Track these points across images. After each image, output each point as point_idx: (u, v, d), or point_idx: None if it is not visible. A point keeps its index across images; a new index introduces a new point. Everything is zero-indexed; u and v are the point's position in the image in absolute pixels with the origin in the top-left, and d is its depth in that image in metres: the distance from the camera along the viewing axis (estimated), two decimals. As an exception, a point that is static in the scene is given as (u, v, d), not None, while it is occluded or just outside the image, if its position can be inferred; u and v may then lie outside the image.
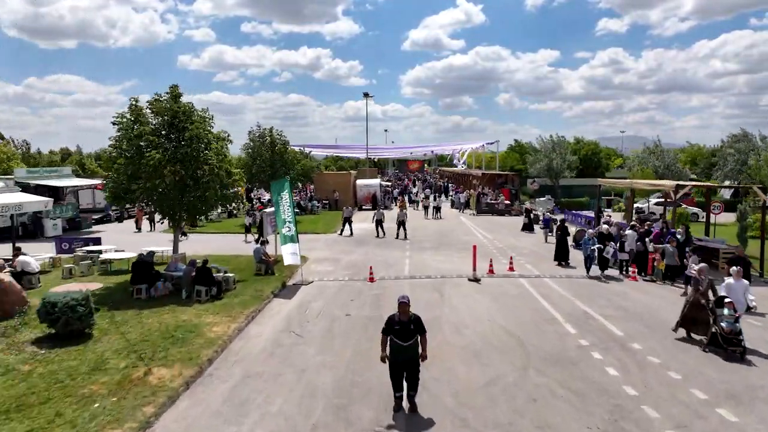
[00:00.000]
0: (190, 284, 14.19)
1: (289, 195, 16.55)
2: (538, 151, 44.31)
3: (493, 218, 34.93)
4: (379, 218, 25.70)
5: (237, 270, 17.75)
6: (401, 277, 16.99)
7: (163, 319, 12.24)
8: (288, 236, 16.29)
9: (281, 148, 32.18)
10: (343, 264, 19.33)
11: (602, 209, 28.20)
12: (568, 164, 42.10)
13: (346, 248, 22.85)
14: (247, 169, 32.13)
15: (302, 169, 37.34)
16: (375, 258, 20.33)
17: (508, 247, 22.96)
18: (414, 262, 19.49)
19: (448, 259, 19.97)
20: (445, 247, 22.96)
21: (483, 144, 53.17)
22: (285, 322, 12.45)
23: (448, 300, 13.96)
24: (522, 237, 26.42)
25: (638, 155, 43.65)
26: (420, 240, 24.99)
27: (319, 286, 16.02)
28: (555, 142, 43.16)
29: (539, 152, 43.79)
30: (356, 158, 79.13)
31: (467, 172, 55.05)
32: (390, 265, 18.94)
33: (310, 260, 20.13)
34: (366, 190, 42.26)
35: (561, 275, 17.05)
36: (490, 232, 28.01)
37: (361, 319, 12.46)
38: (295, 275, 17.08)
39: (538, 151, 44.24)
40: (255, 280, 16.40)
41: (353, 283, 16.31)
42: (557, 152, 42.36)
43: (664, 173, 38.61)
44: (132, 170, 14.79)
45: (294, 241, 16.34)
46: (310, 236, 26.71)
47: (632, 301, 13.87)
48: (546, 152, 42.74)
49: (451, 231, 28.21)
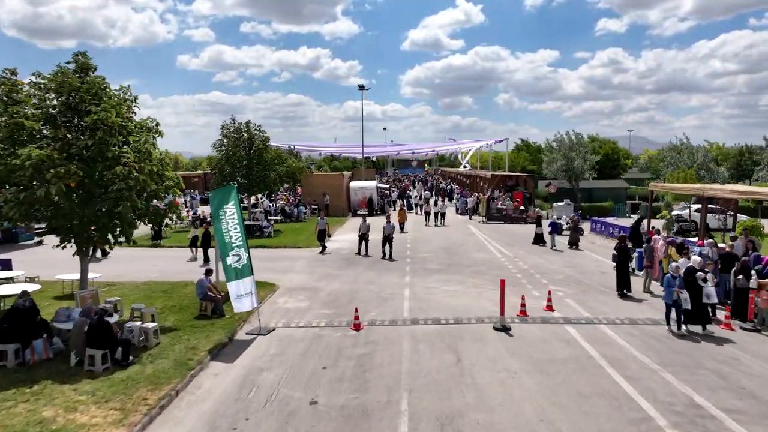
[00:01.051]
0: (81, 345, 9.44)
1: (237, 208, 11.72)
2: (555, 150, 39.47)
3: (507, 227, 30.15)
4: (363, 232, 20.86)
5: (176, 308, 13.04)
6: (398, 320, 12.22)
7: (12, 416, 7.52)
8: (235, 269, 11.50)
9: (260, 146, 27.38)
10: (322, 297, 14.58)
11: (643, 218, 23.41)
12: (590, 165, 37.26)
13: (331, 271, 18.08)
14: (219, 170, 27.42)
15: (287, 170, 32.55)
16: (365, 287, 15.58)
17: (534, 268, 18.19)
18: (416, 293, 14.74)
19: (461, 288, 15.22)
20: (455, 268, 18.19)
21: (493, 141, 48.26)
22: (210, 420, 7.70)
23: (469, 372, 9.19)
24: (549, 254, 21.64)
25: (665, 154, 38.76)
26: (423, 258, 20.23)
27: (283, 337, 11.27)
28: (574, 141, 38.25)
29: (556, 151, 38.93)
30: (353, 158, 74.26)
31: (474, 173, 50.24)
32: (384, 299, 14.18)
33: (281, 289, 15.40)
34: (361, 193, 37.50)
35: (623, 319, 12.26)
36: (508, 246, 23.25)
37: (333, 414, 7.71)
38: (251, 318, 12.34)
39: (555, 150, 39.41)
40: (194, 326, 11.66)
41: (331, 332, 11.56)
42: (577, 151, 37.53)
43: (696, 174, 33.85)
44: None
45: (245, 275, 11.56)
46: (290, 252, 21.98)
47: (757, 376, 9.08)
48: (564, 151, 37.89)
49: (459, 245, 23.44)
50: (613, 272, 17.47)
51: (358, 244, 21.04)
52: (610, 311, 12.86)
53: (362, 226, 20.99)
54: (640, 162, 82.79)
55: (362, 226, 20.99)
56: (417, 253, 21.45)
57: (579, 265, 18.85)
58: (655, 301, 13.81)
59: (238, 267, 11.52)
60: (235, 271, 11.51)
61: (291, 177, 34.29)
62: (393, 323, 12.04)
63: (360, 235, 20.88)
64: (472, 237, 26.08)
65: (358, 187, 37.95)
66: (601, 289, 15.20)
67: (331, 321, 12.27)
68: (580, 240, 25.26)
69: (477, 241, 24.60)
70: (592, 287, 15.43)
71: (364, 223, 21.03)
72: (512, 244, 23.59)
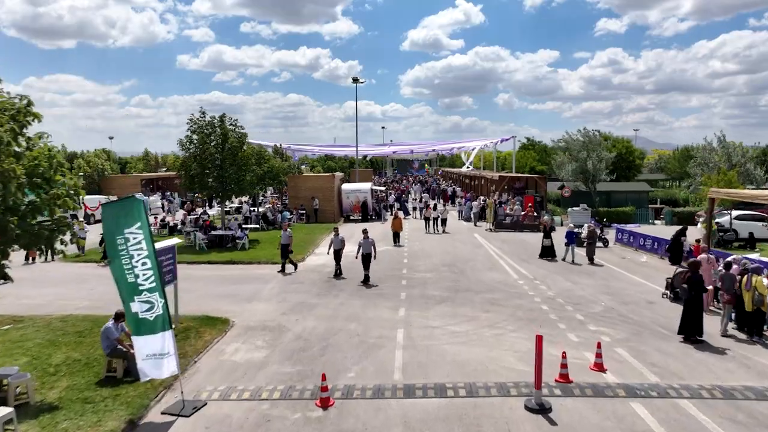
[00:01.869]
0: None
1: (146, 232, 7.96)
2: (568, 149, 35.68)
3: (518, 237, 26.43)
4: (337, 248, 16.93)
5: (79, 364, 9.48)
6: (386, 388, 8.52)
7: None
8: (146, 321, 7.78)
9: (234, 143, 23.63)
10: (287, 341, 10.89)
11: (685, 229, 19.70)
12: (606, 164, 33.46)
13: (307, 298, 14.40)
14: (185, 171, 23.72)
15: (270, 171, 28.88)
16: (346, 325, 11.88)
17: (563, 295, 14.50)
18: (413, 337, 11.03)
19: (472, 329, 11.52)
20: (464, 296, 14.50)
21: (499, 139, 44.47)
22: None
23: None
24: (575, 274, 17.93)
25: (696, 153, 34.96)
26: (422, 279, 16.54)
27: (213, 421, 7.58)
28: (590, 139, 34.37)
29: (570, 150, 35.09)
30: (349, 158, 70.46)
31: (479, 174, 46.47)
32: (369, 347, 10.47)
33: (236, 328, 11.75)
34: (354, 196, 33.83)
35: (710, 388, 8.55)
36: (523, 262, 19.56)
37: None
38: (174, 387, 8.62)
39: (567, 149, 35.62)
40: (87, 400, 8.01)
41: (287, 410, 7.86)
42: (591, 150, 33.73)
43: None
44: None
45: (160, 330, 7.84)
46: (263, 270, 18.26)
47: None
48: (578, 148, 34.05)
49: (466, 261, 19.73)
50: (663, 301, 13.87)
51: (335, 264, 17.19)
52: (686, 372, 9.15)
53: (334, 240, 16.96)
54: (649, 162, 79.11)
55: (334, 240, 16.96)
56: (415, 271, 17.76)
57: (617, 291, 15.14)
58: (739, 351, 10.13)
59: (149, 318, 7.79)
60: (146, 324, 7.80)
61: (275, 179, 30.59)
62: (378, 393, 8.34)
63: (334, 252, 16.95)
64: (480, 250, 22.37)
65: (351, 190, 34.28)
66: (659, 330, 11.49)
67: (291, 388, 8.57)
68: (605, 253, 21.60)
69: (486, 256, 20.89)
70: (645, 327, 11.73)
71: (337, 237, 17.00)
72: (528, 260, 19.90)
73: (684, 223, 31.05)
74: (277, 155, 36.42)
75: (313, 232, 26.87)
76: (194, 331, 11.39)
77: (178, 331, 11.43)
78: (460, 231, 28.31)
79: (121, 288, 7.77)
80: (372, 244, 16.16)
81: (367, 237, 16.29)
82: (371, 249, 16.08)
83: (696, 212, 31.50)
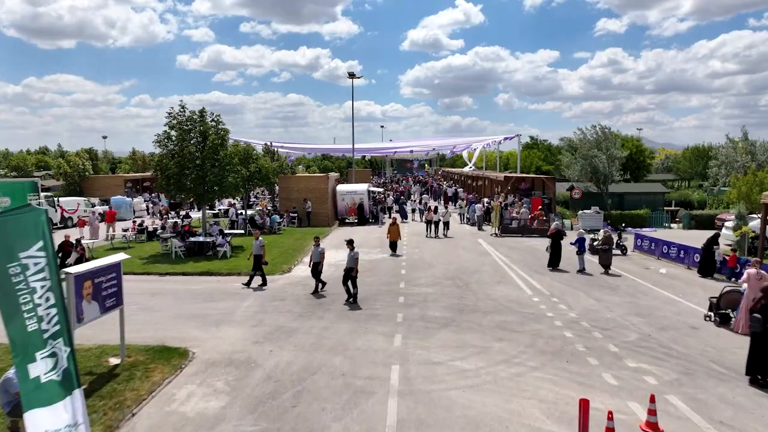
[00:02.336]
0: None
1: (50, 253, 5.73)
2: (577, 148, 33.47)
3: (527, 243, 24.30)
4: (316, 261, 14.75)
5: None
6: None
7: None
8: (45, 386, 5.51)
9: (215, 141, 21.46)
10: (254, 385, 8.72)
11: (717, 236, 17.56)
12: (619, 163, 31.26)
13: (286, 321, 12.24)
14: (161, 171, 21.57)
15: (257, 171, 26.74)
16: (330, 359, 9.72)
17: (588, 318, 12.34)
18: (410, 378, 8.86)
19: (484, 366, 9.35)
20: (470, 317, 12.33)
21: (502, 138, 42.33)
22: None
23: None
24: (596, 289, 15.78)
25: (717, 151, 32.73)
26: (422, 295, 14.39)
27: None
28: (605, 135, 32.14)
29: (580, 148, 32.88)
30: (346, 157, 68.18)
31: (482, 175, 44.25)
32: (354, 394, 8.31)
33: (195, 363, 9.61)
34: (349, 198, 31.73)
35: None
36: (535, 273, 17.42)
37: None
38: (89, 461, 6.45)
39: (577, 148, 33.42)
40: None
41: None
42: (602, 148, 31.55)
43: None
44: None
45: (67, 393, 5.62)
46: (239, 284, 16.04)
47: None
48: (589, 146, 31.82)
49: (472, 272, 17.58)
50: (708, 326, 11.75)
51: (315, 279, 14.91)
52: (768, 435, 7.01)
53: (314, 252, 14.82)
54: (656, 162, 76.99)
55: (314, 252, 14.82)
56: (414, 285, 15.62)
57: (650, 311, 12.97)
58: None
59: (56, 380, 5.56)
60: (44, 391, 5.56)
61: (263, 180, 28.43)
62: (363, 471, 6.20)
63: (313, 264, 14.78)
64: (487, 258, 20.22)
65: (347, 192, 32.18)
66: (714, 368, 9.33)
67: (246, 463, 6.42)
68: (624, 262, 19.46)
69: (493, 265, 18.74)
70: (696, 362, 9.56)
71: (317, 248, 14.85)
72: (540, 271, 17.76)
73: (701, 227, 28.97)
74: (267, 154, 34.21)
75: (304, 237, 24.69)
76: (142, 368, 9.25)
77: (123, 368, 9.33)
78: (463, 236, 26.17)
79: (18, 348, 5.47)
80: (356, 258, 13.85)
81: (353, 249, 14.01)
82: (355, 264, 13.75)
83: (716, 215, 29.37)
